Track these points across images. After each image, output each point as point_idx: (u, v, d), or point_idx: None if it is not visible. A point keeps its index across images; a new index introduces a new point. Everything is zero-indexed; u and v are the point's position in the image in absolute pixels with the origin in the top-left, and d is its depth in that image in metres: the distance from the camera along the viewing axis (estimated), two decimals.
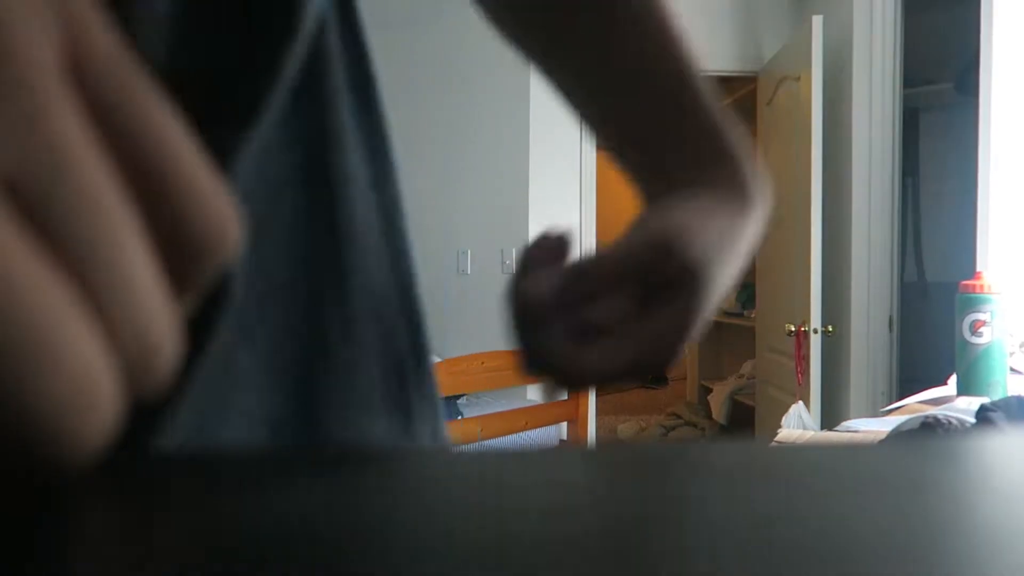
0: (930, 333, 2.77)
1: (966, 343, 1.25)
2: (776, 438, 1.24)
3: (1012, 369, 1.36)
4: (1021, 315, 1.59)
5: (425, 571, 0.10)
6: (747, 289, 4.39)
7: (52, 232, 0.12)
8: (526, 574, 0.10)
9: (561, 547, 0.11)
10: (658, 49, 0.37)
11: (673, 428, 4.50)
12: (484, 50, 3.41)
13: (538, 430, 2.94)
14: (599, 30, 0.36)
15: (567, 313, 0.30)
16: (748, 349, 4.21)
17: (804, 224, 2.59)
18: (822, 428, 2.44)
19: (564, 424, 3.09)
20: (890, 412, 1.35)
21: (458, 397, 2.90)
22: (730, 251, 0.34)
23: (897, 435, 0.97)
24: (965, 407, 1.08)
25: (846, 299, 2.70)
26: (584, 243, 3.26)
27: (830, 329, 2.57)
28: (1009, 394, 1.22)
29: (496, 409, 2.90)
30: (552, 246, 0.32)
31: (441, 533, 0.12)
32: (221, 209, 0.14)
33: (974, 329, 1.24)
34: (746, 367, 4.36)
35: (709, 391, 4.57)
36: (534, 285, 0.30)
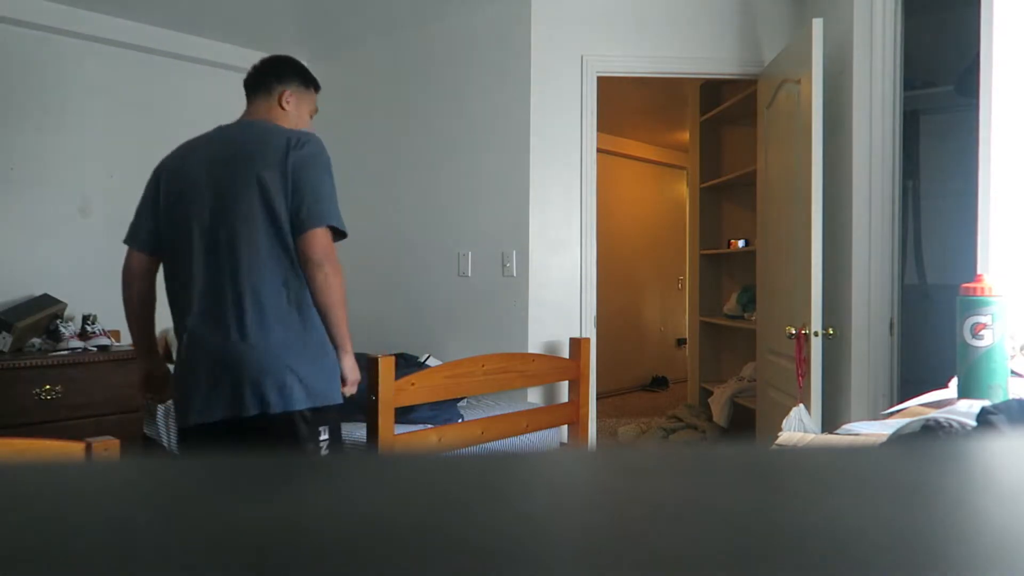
0: (931, 336, 2.77)
1: (967, 346, 1.24)
2: (777, 441, 1.23)
3: (1013, 372, 1.36)
4: (1022, 318, 1.59)
5: (427, 570, 0.10)
6: (748, 292, 4.38)
7: None
8: (526, 573, 0.10)
9: (561, 547, 0.11)
10: None
11: (674, 431, 4.50)
12: (485, 53, 3.41)
13: (539, 432, 2.94)
14: None
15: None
16: (749, 351, 4.21)
17: (805, 226, 2.58)
18: (823, 431, 2.43)
19: (565, 427, 3.09)
20: (891, 415, 1.35)
21: (459, 400, 2.90)
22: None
23: (898, 438, 0.97)
24: (966, 410, 1.07)
25: (847, 301, 2.70)
26: (585, 245, 3.26)
27: (831, 332, 2.57)
28: (1010, 397, 1.22)
29: (497, 412, 2.90)
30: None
31: (443, 533, 0.12)
32: None
33: (975, 332, 1.23)
34: (747, 370, 4.36)
35: (710, 393, 4.57)
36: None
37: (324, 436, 1.79)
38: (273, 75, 1.95)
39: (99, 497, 0.14)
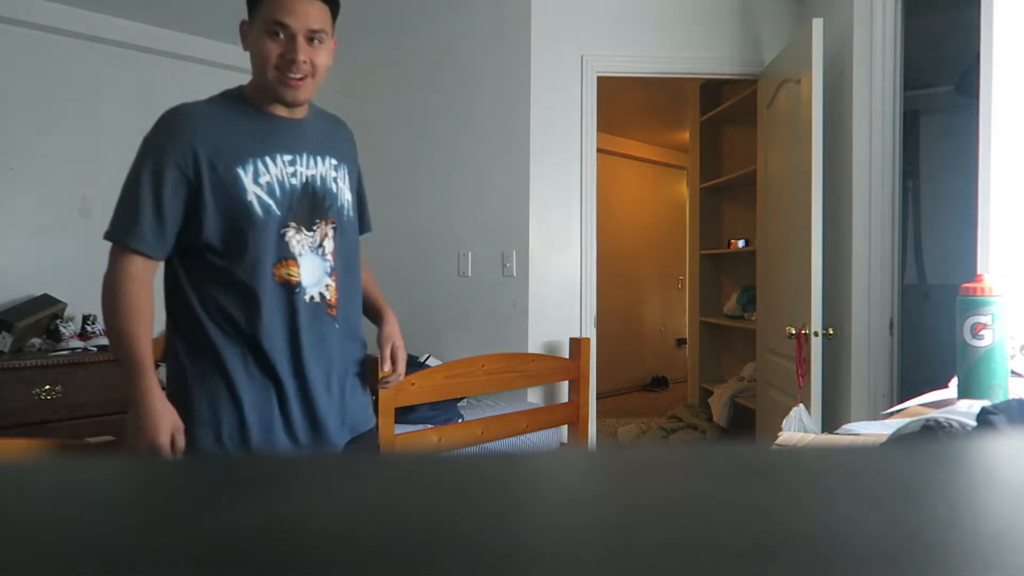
0: (931, 336, 2.77)
1: (967, 346, 1.24)
2: (777, 441, 1.23)
3: (1013, 372, 1.36)
4: (1022, 318, 1.59)
5: (427, 571, 0.10)
6: (748, 291, 4.38)
7: None
8: (527, 573, 0.10)
9: (561, 547, 0.11)
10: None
11: (674, 430, 4.50)
12: (485, 53, 3.41)
13: (539, 432, 2.94)
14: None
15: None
16: (749, 351, 4.21)
17: (805, 226, 2.58)
18: (823, 431, 2.43)
19: (565, 427, 3.09)
20: (891, 415, 1.35)
21: (459, 400, 2.90)
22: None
23: (898, 438, 0.97)
24: (966, 410, 1.07)
25: (847, 301, 2.70)
26: (585, 245, 3.26)
27: (831, 331, 2.57)
28: (1010, 397, 1.22)
29: (497, 412, 2.90)
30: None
31: (442, 534, 0.12)
32: None
33: (975, 332, 1.23)
34: (747, 369, 4.36)
35: (710, 393, 4.57)
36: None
37: None
38: None
39: (88, 496, 0.14)
